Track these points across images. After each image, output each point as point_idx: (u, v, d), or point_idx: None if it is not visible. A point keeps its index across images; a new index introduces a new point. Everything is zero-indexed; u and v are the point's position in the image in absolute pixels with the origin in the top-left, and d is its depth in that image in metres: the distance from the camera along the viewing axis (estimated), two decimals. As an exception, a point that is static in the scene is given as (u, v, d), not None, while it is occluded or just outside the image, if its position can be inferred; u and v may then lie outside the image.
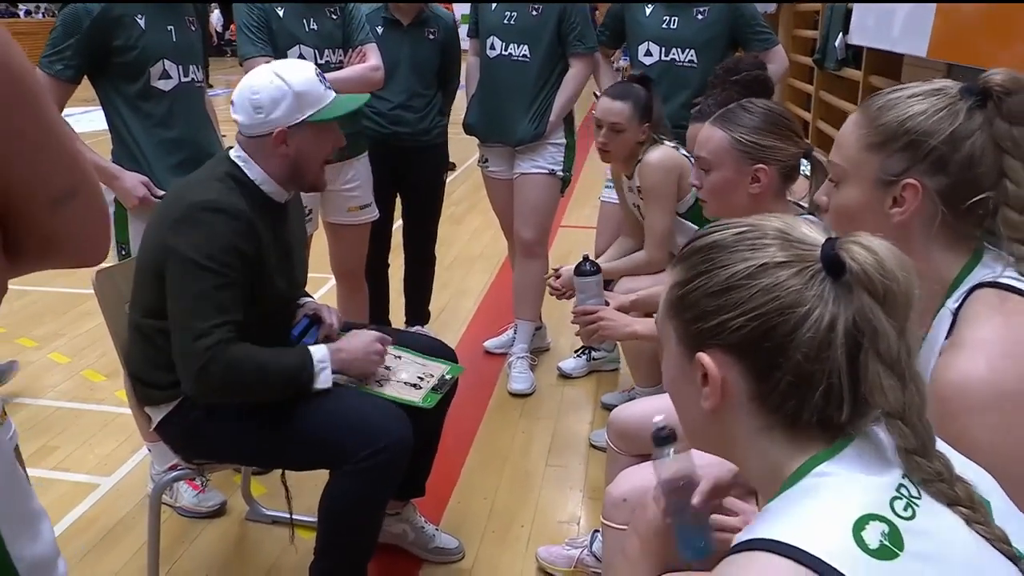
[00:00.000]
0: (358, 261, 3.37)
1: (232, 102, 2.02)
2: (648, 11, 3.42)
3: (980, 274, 1.18)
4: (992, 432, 1.05)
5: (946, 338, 1.16)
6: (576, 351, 3.71)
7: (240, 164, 2.03)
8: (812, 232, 0.88)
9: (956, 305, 1.17)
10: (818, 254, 0.85)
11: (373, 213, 3.31)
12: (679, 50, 3.37)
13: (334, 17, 3.04)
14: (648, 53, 3.44)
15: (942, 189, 1.18)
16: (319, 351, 1.99)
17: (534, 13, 3.34)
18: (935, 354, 1.16)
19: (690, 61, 3.39)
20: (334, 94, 2.05)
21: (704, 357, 0.88)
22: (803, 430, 0.86)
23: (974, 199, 1.17)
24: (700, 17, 3.36)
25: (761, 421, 0.88)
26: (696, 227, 2.51)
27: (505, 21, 3.38)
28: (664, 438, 1.34)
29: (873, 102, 1.27)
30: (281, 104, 1.96)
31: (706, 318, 0.88)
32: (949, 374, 1.09)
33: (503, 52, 3.39)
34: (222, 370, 1.87)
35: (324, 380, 1.97)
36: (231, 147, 2.08)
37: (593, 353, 3.64)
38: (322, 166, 2.08)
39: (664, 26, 3.38)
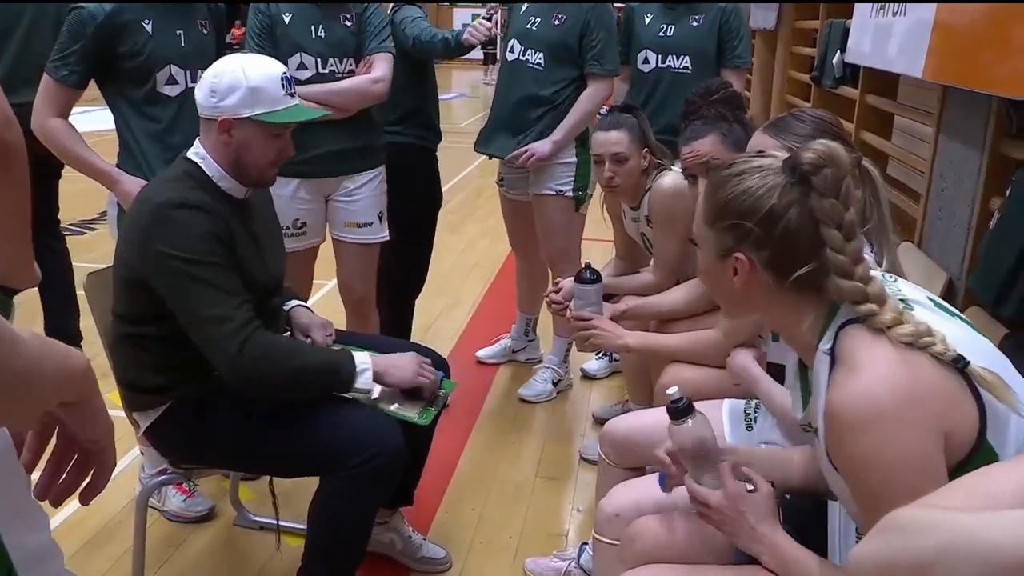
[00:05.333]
0: (361, 284, 3.04)
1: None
2: (647, 20, 3.48)
3: (843, 315, 1.26)
4: (876, 447, 1.13)
5: (828, 376, 1.23)
6: (598, 353, 3.70)
7: (198, 161, 2.03)
8: None
9: (829, 345, 1.25)
10: None
11: (378, 234, 3.01)
12: (674, 57, 3.44)
13: (348, 24, 2.85)
14: (646, 61, 3.49)
15: (768, 262, 1.28)
16: (360, 354, 2.01)
17: (556, 23, 3.27)
18: (821, 396, 1.24)
19: (685, 67, 3.44)
20: (295, 102, 2.03)
21: None
22: None
23: (800, 271, 1.26)
24: (695, 24, 3.44)
25: None
26: None
27: (528, 26, 3.32)
28: (681, 409, 1.42)
29: (713, 176, 1.36)
30: (234, 94, 1.96)
31: None
32: (836, 397, 1.17)
33: (520, 56, 3.33)
34: (260, 351, 1.88)
35: (365, 381, 1.98)
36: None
37: (615, 354, 3.58)
38: (268, 166, 2.05)
39: (661, 34, 3.45)
